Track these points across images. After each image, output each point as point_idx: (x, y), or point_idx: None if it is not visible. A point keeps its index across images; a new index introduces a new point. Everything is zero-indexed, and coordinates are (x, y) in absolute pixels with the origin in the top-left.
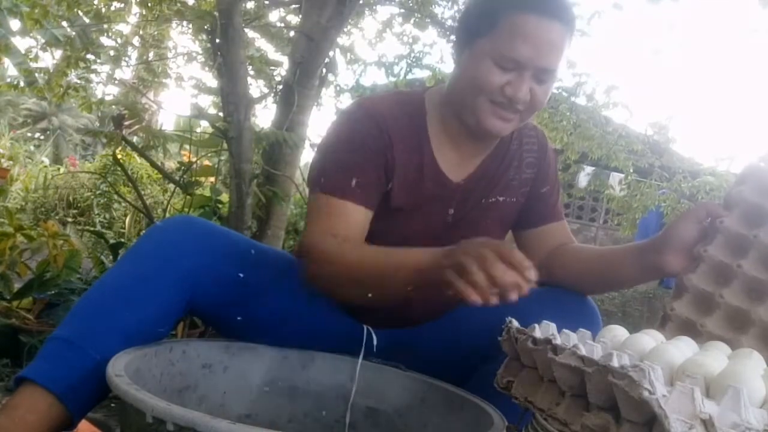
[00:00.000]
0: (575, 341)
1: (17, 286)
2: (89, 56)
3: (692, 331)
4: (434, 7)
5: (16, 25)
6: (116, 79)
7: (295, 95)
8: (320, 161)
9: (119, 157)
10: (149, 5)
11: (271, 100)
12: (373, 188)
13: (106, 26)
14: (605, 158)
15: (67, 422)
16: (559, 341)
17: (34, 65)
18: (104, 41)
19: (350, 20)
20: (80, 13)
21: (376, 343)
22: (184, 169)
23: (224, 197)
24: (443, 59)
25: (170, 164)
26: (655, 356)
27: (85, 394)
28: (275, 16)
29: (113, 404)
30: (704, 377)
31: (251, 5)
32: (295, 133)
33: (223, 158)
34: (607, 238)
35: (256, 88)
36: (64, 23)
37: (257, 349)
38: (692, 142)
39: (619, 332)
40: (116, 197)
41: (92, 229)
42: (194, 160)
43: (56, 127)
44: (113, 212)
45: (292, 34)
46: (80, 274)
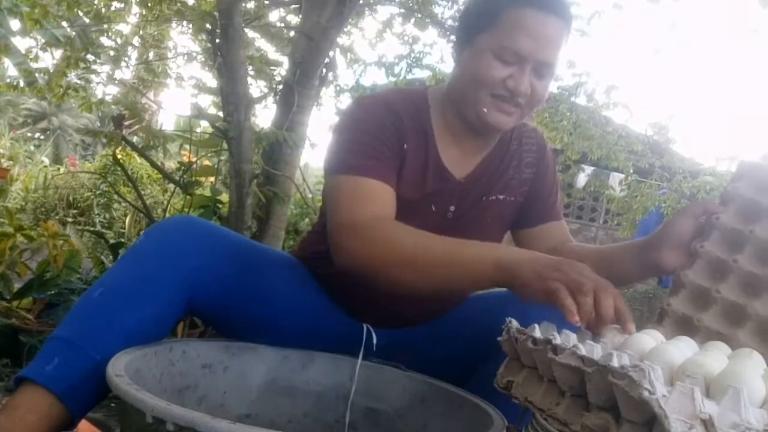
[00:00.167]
0: (575, 341)
1: (17, 286)
2: (89, 56)
3: (689, 326)
4: (434, 7)
5: (16, 25)
6: (116, 79)
7: (295, 95)
8: (338, 147)
9: (119, 157)
10: (149, 5)
11: (271, 100)
12: (393, 169)
13: (106, 26)
14: (605, 158)
15: (67, 422)
16: (559, 341)
17: (34, 65)
18: (104, 41)
19: (350, 20)
20: (80, 13)
21: (376, 342)
22: (184, 169)
23: (224, 197)
24: (443, 59)
25: (170, 164)
26: (655, 356)
27: (85, 394)
28: (275, 16)
29: (113, 404)
30: (704, 377)
31: (251, 5)
32: (295, 133)
33: (223, 158)
34: (607, 238)
35: (256, 88)
36: (64, 23)
37: (257, 349)
38: (692, 142)
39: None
40: (116, 197)
41: (92, 229)
42: (194, 160)
43: (56, 127)
44: (113, 212)
45: (292, 34)
46: (80, 274)
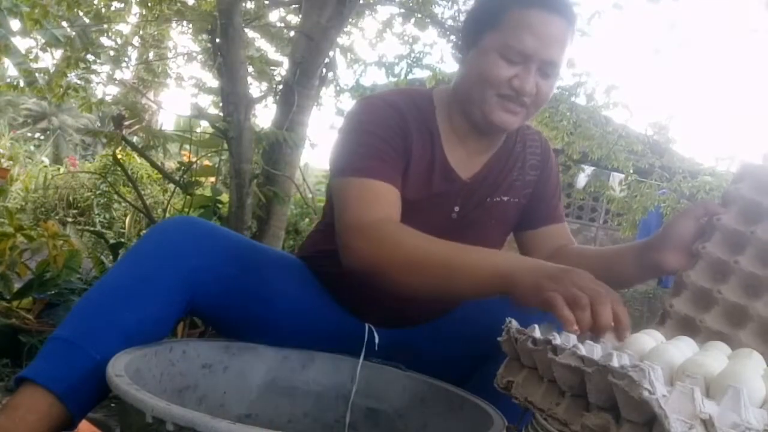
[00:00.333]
0: (575, 341)
1: (17, 286)
2: (89, 56)
3: (691, 327)
4: (434, 7)
5: (16, 25)
6: (116, 79)
7: (295, 95)
8: (343, 147)
9: (119, 157)
10: (149, 5)
11: (271, 100)
12: (398, 170)
13: (106, 26)
14: (605, 158)
15: (67, 422)
16: (559, 341)
17: (34, 65)
18: (104, 41)
19: (350, 20)
20: (80, 13)
21: (378, 341)
22: (184, 169)
23: (224, 197)
24: (443, 59)
25: (170, 164)
26: (655, 356)
27: (85, 394)
28: (275, 16)
29: (113, 404)
30: (704, 377)
31: (251, 5)
32: (295, 133)
33: (223, 158)
34: (607, 238)
35: (256, 88)
36: (64, 23)
37: (257, 349)
38: (692, 142)
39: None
40: (116, 197)
41: (92, 229)
42: (194, 160)
43: (56, 127)
44: (113, 212)
45: (292, 34)
46: (80, 274)
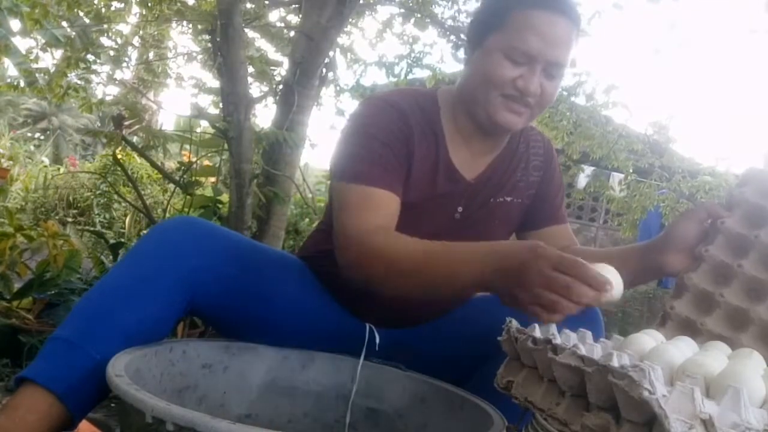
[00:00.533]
0: (575, 341)
1: (17, 286)
2: (89, 56)
3: (692, 329)
4: (434, 7)
5: (16, 25)
6: (116, 79)
7: (295, 95)
8: (345, 150)
9: (119, 157)
10: (149, 5)
11: (271, 100)
12: (399, 176)
13: (106, 26)
14: (605, 158)
15: (67, 422)
16: (559, 341)
17: (34, 65)
18: (104, 41)
19: (350, 20)
20: (80, 13)
21: (378, 341)
22: (184, 169)
23: (224, 197)
24: (443, 59)
25: (170, 164)
26: (655, 356)
27: (85, 394)
28: (275, 16)
29: (113, 404)
30: (704, 377)
31: (251, 5)
32: (295, 133)
33: (223, 158)
34: (607, 238)
35: (256, 88)
36: (64, 23)
37: (257, 349)
38: (692, 142)
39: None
40: (116, 197)
41: (92, 229)
42: (194, 160)
43: (56, 127)
44: (113, 212)
45: (292, 34)
46: (80, 274)
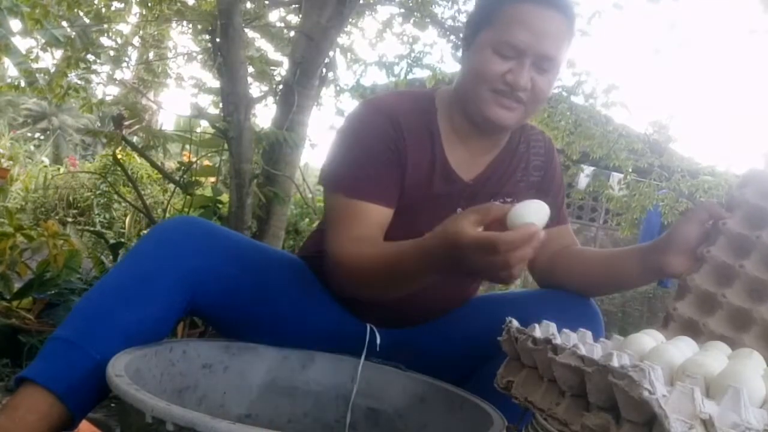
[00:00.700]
0: (575, 341)
1: (17, 286)
2: (89, 56)
3: (694, 330)
4: (434, 7)
5: (16, 25)
6: (116, 79)
7: (295, 95)
8: (335, 161)
9: (119, 157)
10: (149, 5)
11: (271, 100)
12: (390, 184)
13: (106, 26)
14: (605, 158)
15: (67, 422)
16: (559, 341)
17: (34, 65)
18: (104, 41)
19: (350, 20)
20: (80, 13)
21: (379, 341)
22: (184, 169)
23: (224, 197)
24: (443, 59)
25: (170, 164)
26: (655, 356)
27: (85, 394)
28: (275, 16)
29: (113, 404)
30: (704, 377)
31: (251, 5)
32: (295, 133)
33: (223, 158)
34: (606, 238)
35: (256, 88)
36: (64, 23)
37: (257, 349)
38: (692, 141)
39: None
40: (116, 197)
41: (92, 229)
42: (194, 160)
43: (56, 127)
44: (113, 212)
45: (292, 34)
46: (80, 274)
